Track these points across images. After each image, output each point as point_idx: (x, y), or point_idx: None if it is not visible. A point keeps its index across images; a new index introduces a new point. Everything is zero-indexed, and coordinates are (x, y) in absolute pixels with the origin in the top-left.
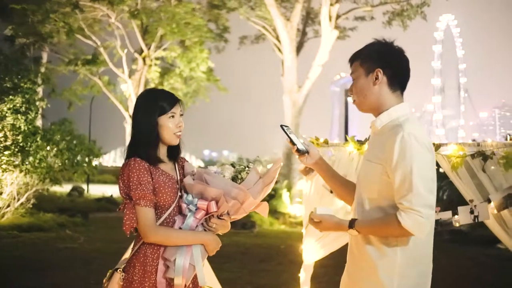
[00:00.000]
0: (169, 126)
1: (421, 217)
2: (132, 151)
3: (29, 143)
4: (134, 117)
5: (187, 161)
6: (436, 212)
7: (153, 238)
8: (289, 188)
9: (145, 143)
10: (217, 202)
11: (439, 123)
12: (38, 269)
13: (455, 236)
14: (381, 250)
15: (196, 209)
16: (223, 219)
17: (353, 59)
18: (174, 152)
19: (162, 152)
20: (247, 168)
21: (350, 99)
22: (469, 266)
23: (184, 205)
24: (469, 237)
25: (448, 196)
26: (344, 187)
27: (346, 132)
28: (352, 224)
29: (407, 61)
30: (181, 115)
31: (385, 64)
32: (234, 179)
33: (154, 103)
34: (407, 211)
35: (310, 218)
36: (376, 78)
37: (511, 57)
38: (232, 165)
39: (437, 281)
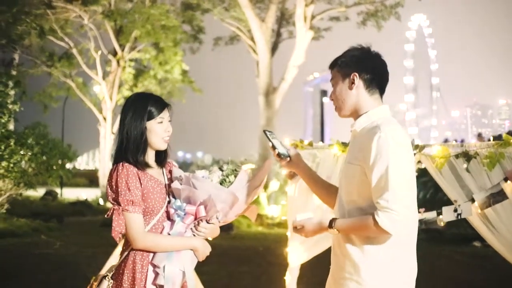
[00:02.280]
0: (158, 131)
1: (397, 216)
2: (120, 156)
3: (2, 148)
4: (122, 122)
5: (175, 166)
6: (420, 212)
7: (142, 244)
8: (266, 189)
9: (133, 147)
10: (205, 207)
11: (412, 122)
12: (13, 276)
13: (430, 235)
14: (363, 250)
15: (184, 214)
16: (212, 223)
17: (332, 66)
18: (161, 157)
19: (150, 156)
20: (235, 171)
21: (325, 99)
22: (444, 265)
23: (172, 211)
24: (443, 236)
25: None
26: (326, 190)
27: (322, 132)
28: (331, 223)
29: (385, 64)
30: (170, 120)
31: (361, 68)
32: (222, 182)
33: (143, 107)
34: (384, 210)
35: (294, 227)
36: (352, 83)
37: (482, 56)
38: (220, 168)
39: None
